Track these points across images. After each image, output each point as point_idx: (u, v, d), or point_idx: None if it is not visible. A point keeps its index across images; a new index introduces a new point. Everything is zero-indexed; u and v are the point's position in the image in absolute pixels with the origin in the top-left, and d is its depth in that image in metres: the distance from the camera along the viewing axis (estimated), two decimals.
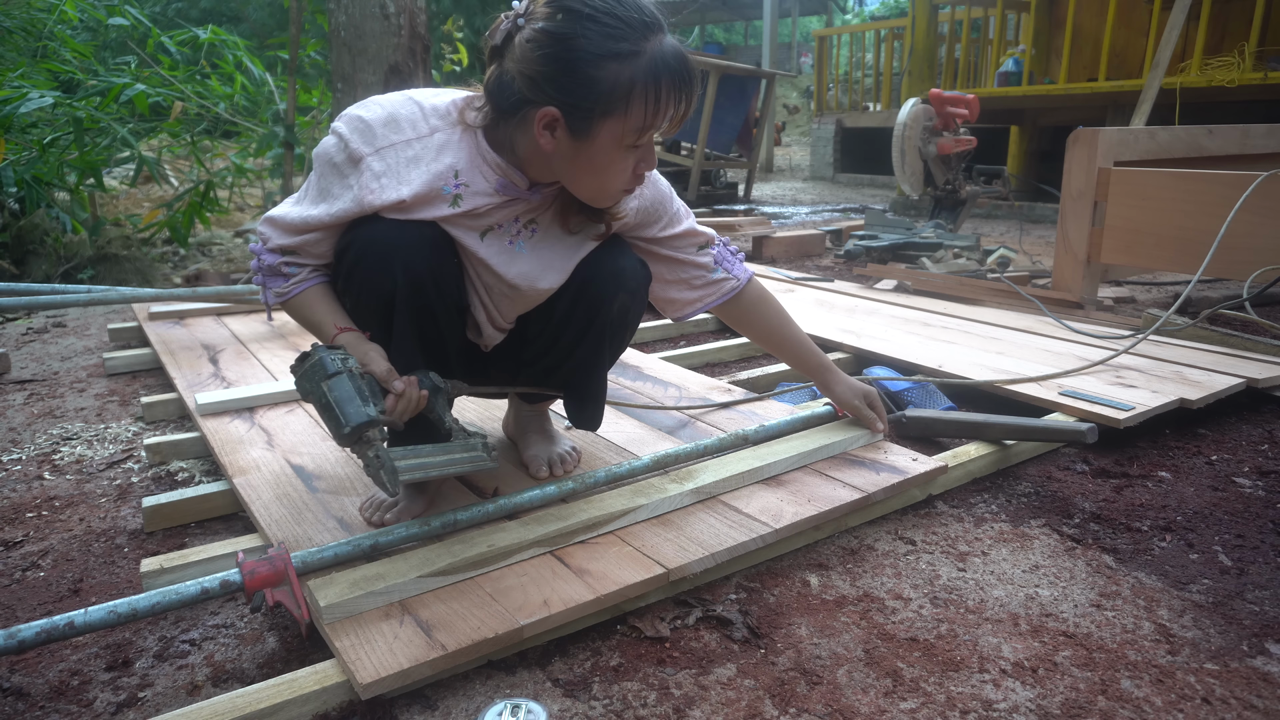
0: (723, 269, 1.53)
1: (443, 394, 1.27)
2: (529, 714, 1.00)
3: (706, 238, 1.51)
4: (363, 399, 1.11)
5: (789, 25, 17.03)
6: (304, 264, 1.28)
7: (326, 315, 1.27)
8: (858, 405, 1.66)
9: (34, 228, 4.00)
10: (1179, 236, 2.71)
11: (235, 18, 15.72)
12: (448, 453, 1.25)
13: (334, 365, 1.12)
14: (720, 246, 1.55)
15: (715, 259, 1.52)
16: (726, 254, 1.55)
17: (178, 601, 1.11)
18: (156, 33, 4.07)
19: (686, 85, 1.16)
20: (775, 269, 3.81)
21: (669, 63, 1.13)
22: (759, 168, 8.68)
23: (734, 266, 1.55)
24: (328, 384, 1.11)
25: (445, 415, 1.27)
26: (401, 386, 1.19)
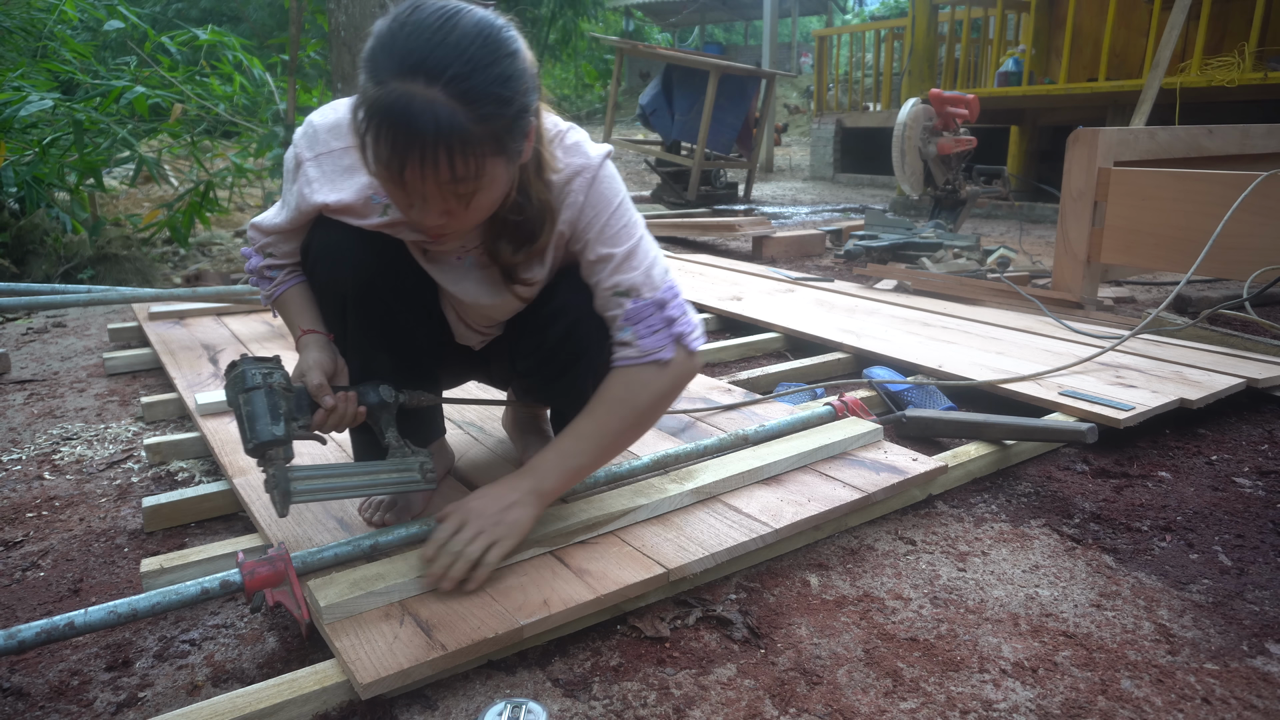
0: (631, 330, 1.21)
1: (389, 409, 1.26)
2: (529, 714, 1.00)
3: (630, 285, 1.19)
4: (273, 417, 1.11)
5: (789, 25, 17.03)
6: (282, 265, 1.30)
7: (296, 317, 1.29)
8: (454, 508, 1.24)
9: (34, 228, 4.00)
10: (1179, 236, 2.71)
11: (235, 18, 15.72)
12: (371, 472, 1.24)
13: (252, 379, 1.12)
14: (645, 302, 1.20)
15: (628, 316, 1.20)
16: (651, 313, 1.20)
17: (178, 602, 1.11)
18: (153, 34, 4.07)
19: (397, 144, 0.96)
20: (775, 269, 3.81)
21: (388, 111, 0.95)
22: (759, 168, 8.68)
23: (648, 338, 1.21)
24: (243, 397, 1.12)
25: (387, 431, 1.27)
26: (331, 402, 1.18)
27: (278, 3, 14.40)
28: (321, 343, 1.26)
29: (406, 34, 0.96)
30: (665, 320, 1.21)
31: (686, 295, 1.29)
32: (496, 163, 1.02)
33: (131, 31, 4.14)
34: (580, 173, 1.18)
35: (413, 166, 0.97)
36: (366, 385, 1.26)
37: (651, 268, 1.22)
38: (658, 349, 1.21)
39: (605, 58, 17.78)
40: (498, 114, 0.98)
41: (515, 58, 1.01)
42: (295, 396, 1.17)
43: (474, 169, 0.99)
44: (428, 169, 0.97)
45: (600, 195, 1.19)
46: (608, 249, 1.20)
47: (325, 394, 1.18)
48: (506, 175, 1.06)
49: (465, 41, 0.96)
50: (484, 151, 0.99)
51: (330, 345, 1.27)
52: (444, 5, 0.99)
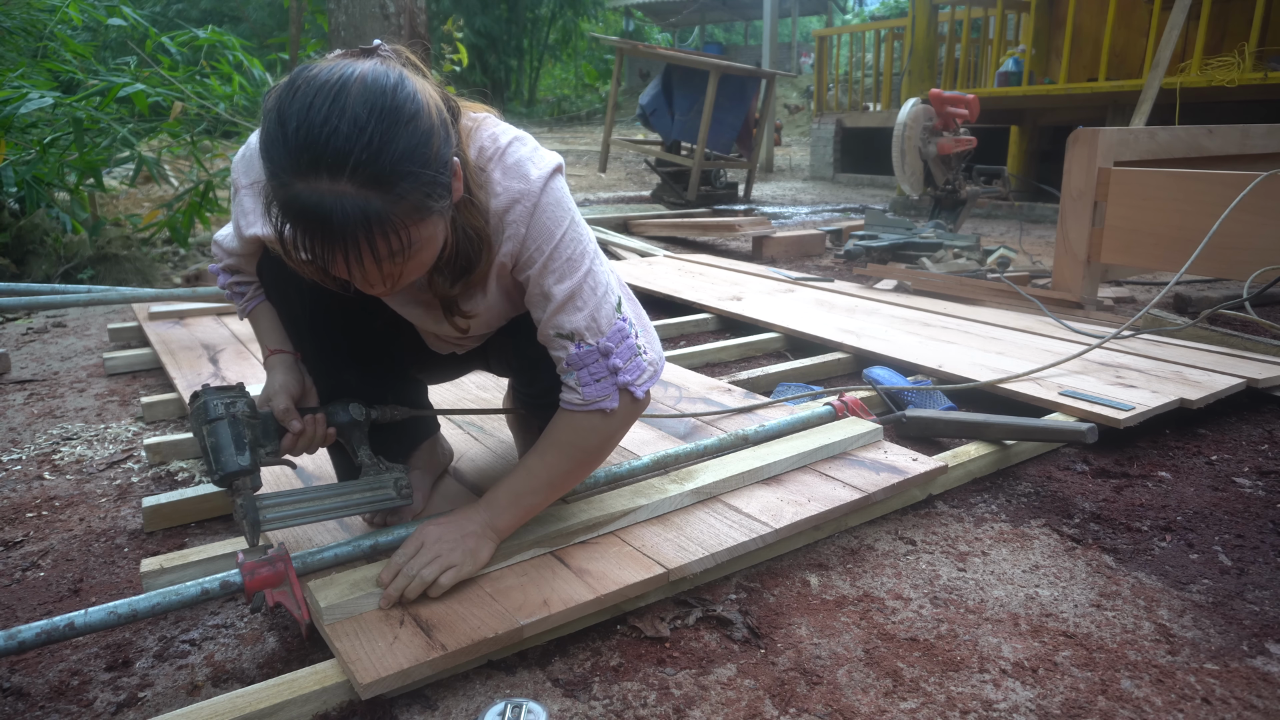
0: (574, 376, 1.16)
1: (359, 427, 1.26)
2: (529, 714, 1.00)
3: (573, 329, 1.13)
4: (238, 447, 1.11)
5: (789, 25, 17.03)
6: (250, 281, 1.31)
7: (264, 336, 1.29)
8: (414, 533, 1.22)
9: (34, 228, 4.00)
10: (1179, 236, 2.70)
11: (235, 18, 15.72)
12: (344, 493, 1.24)
13: (215, 410, 1.12)
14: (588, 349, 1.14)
15: (570, 361, 1.15)
16: (594, 360, 1.15)
17: (178, 602, 1.11)
18: (154, 33, 4.07)
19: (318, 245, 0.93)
20: (775, 269, 3.81)
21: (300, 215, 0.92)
22: (759, 168, 8.68)
23: (591, 387, 1.16)
24: (206, 429, 1.12)
25: (359, 449, 1.27)
26: (299, 426, 1.18)
27: (278, 3, 14.40)
28: (288, 363, 1.25)
29: (295, 126, 0.89)
30: (609, 369, 1.16)
31: (686, 295, 1.27)
32: (425, 225, 0.97)
33: (131, 31, 4.14)
34: (519, 200, 1.09)
35: (339, 261, 0.94)
36: (336, 405, 1.26)
37: (598, 309, 1.14)
38: (601, 398, 1.16)
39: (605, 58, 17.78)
40: (413, 186, 0.93)
41: (416, 119, 0.94)
42: (261, 422, 1.17)
43: (403, 242, 0.95)
44: (353, 260, 0.93)
45: (542, 226, 1.11)
46: (551, 286, 1.12)
47: (292, 418, 1.18)
48: (441, 226, 1.01)
49: (360, 121, 0.89)
50: (409, 223, 0.94)
51: (298, 365, 1.26)
52: (327, 78, 0.91)
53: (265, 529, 1.16)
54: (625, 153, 10.15)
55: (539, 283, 1.13)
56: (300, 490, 1.22)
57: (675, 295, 3.16)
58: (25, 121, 3.92)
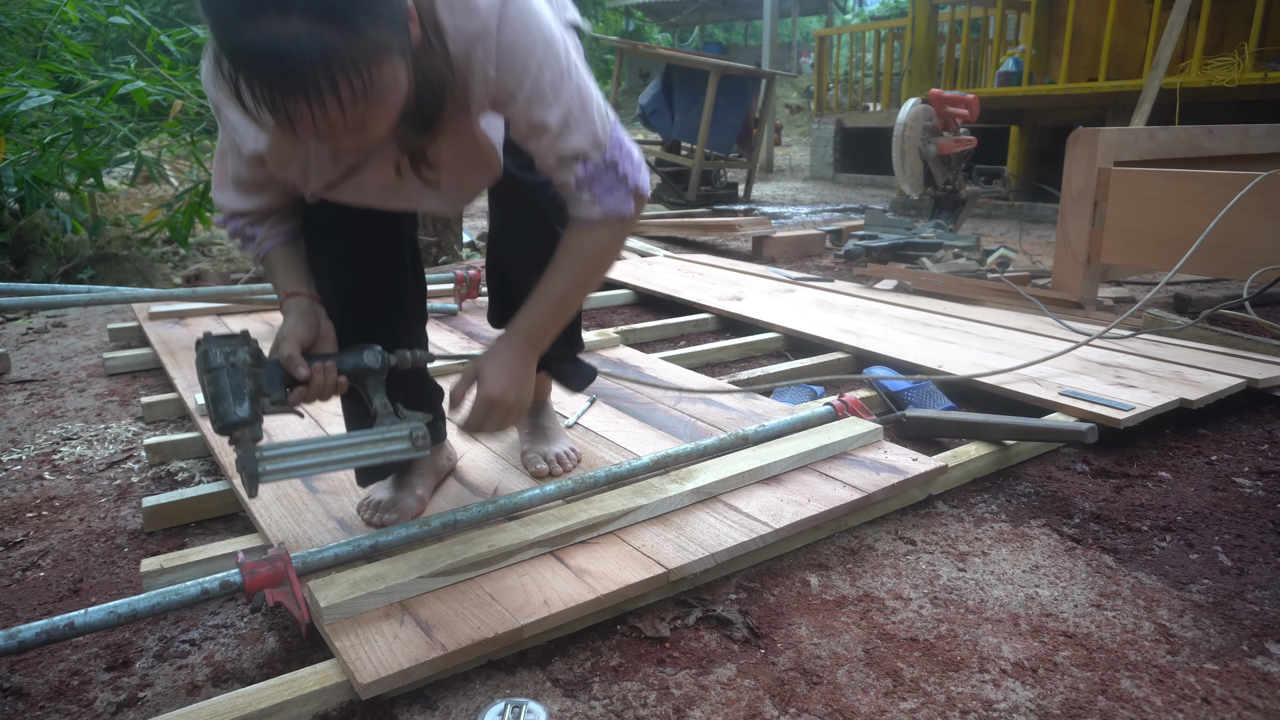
0: (588, 193, 1.15)
1: (375, 374, 1.20)
2: (529, 714, 1.00)
3: (577, 150, 1.11)
4: (237, 397, 1.08)
5: (789, 25, 17.03)
6: (261, 218, 1.23)
7: (279, 280, 1.23)
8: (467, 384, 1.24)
9: (34, 228, 4.00)
10: (1179, 236, 2.70)
11: None
12: (353, 444, 1.18)
13: (214, 359, 1.08)
14: (596, 165, 1.13)
15: (580, 181, 1.14)
16: (605, 174, 1.15)
17: (178, 602, 1.11)
18: (156, 32, 4.07)
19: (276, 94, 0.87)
20: (775, 269, 3.81)
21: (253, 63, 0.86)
22: (759, 168, 8.68)
23: (607, 198, 1.15)
24: (207, 378, 1.09)
25: (374, 397, 1.21)
26: (305, 374, 1.13)
27: None
28: (303, 307, 1.19)
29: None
30: (620, 178, 1.15)
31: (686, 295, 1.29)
32: (387, 65, 0.91)
33: (132, 31, 4.14)
34: (477, 41, 1.03)
35: (301, 110, 0.87)
36: (351, 350, 1.19)
37: (594, 124, 1.11)
38: (620, 206, 1.17)
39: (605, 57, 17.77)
40: (367, 21, 0.87)
41: None
42: (267, 371, 1.12)
43: (365, 84, 0.89)
44: (317, 107, 0.87)
45: (511, 62, 1.04)
46: (541, 116, 1.07)
47: (298, 366, 1.13)
48: (404, 68, 0.95)
49: None
50: (369, 61, 0.88)
51: (313, 309, 1.20)
52: None
53: (265, 480, 1.11)
54: None
55: (526, 117, 1.08)
56: (306, 440, 1.17)
57: (675, 295, 3.16)
58: (25, 121, 3.92)
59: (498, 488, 1.52)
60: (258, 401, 1.10)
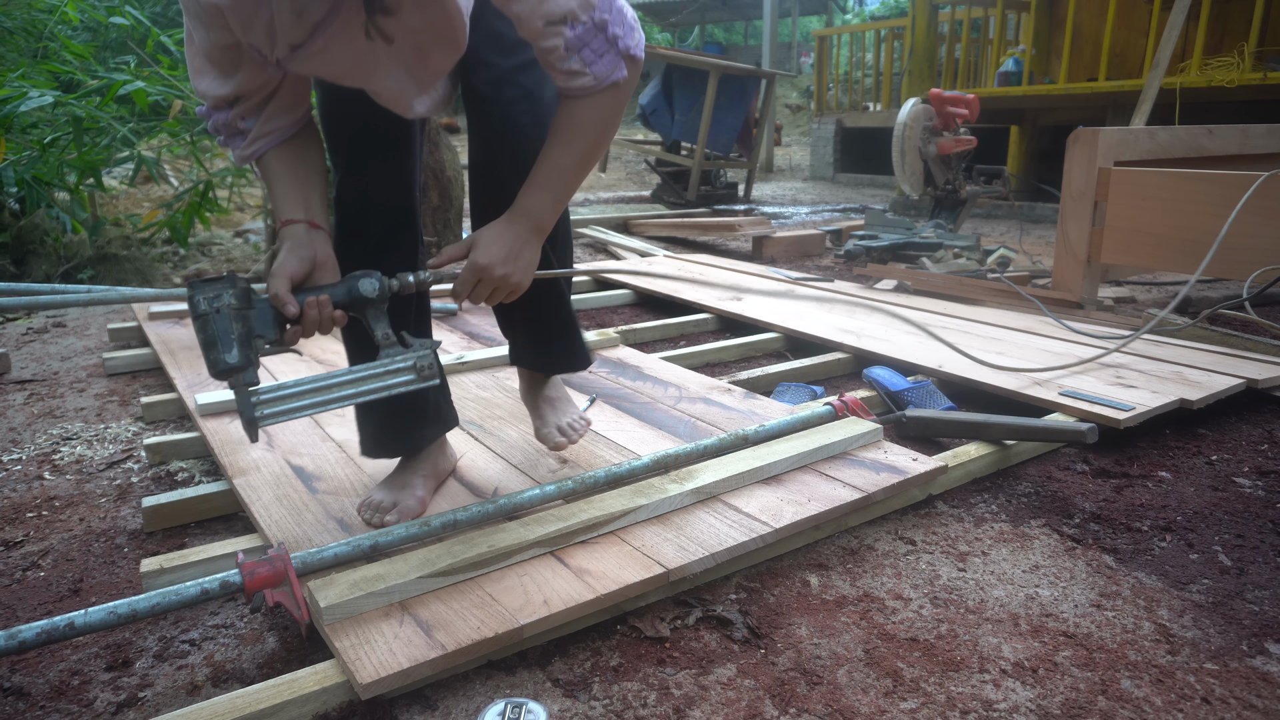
0: (578, 59, 1.09)
1: (374, 304, 1.14)
2: (529, 714, 1.00)
3: (564, 12, 1.06)
4: (225, 343, 1.05)
5: (789, 25, 17.02)
6: (255, 113, 1.14)
7: (280, 199, 1.16)
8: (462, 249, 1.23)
9: (34, 228, 4.00)
10: (1179, 236, 2.71)
11: None
12: (355, 379, 1.13)
13: (200, 306, 1.04)
14: (584, 27, 1.08)
15: (569, 45, 1.08)
16: (594, 37, 1.09)
17: (178, 602, 1.11)
18: (156, 32, 4.07)
19: None
20: (775, 269, 3.81)
21: None
22: (759, 168, 8.68)
23: (598, 64, 1.10)
24: (196, 324, 1.06)
25: (376, 327, 1.14)
26: (294, 311, 1.09)
27: None
28: (298, 236, 1.13)
29: None
30: (610, 40, 1.09)
31: (686, 295, 1.26)
32: None
33: (132, 31, 4.14)
34: None
35: None
36: (345, 280, 1.13)
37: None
38: (610, 71, 1.11)
39: None
40: None
41: None
42: (258, 312, 1.08)
43: None
44: None
45: None
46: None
47: (286, 304, 1.09)
48: None
49: None
50: None
51: (309, 236, 1.14)
52: None
53: (264, 424, 1.09)
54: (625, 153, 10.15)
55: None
56: (304, 379, 1.13)
57: (675, 295, 3.16)
58: (25, 121, 3.92)
59: (498, 488, 1.52)
60: (249, 345, 1.07)
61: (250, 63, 1.08)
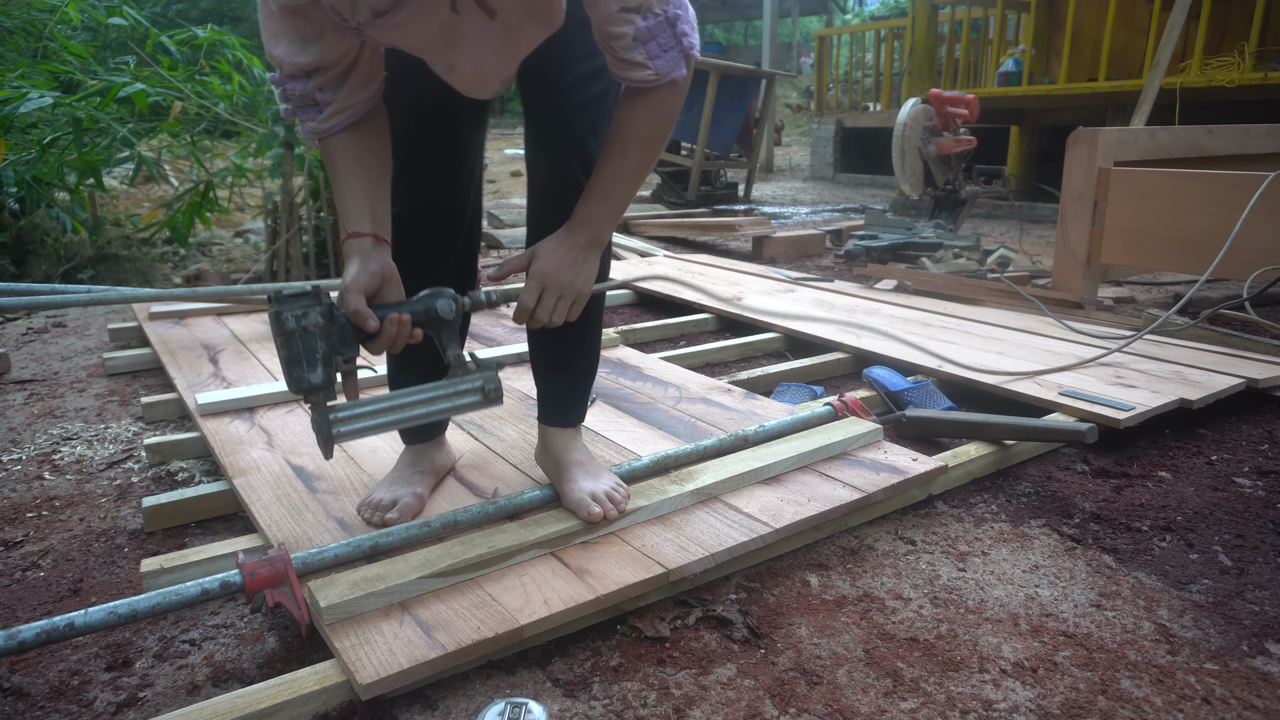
0: (642, 50, 1.09)
1: (450, 325, 1.14)
2: (529, 714, 1.00)
3: (641, 2, 1.07)
4: (309, 362, 1.05)
5: (789, 25, 17.02)
6: (337, 84, 1.11)
7: (346, 203, 1.14)
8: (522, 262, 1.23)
9: (34, 228, 4.00)
10: (1179, 236, 2.71)
11: (236, 18, 15.71)
12: (425, 399, 1.14)
13: (287, 324, 1.05)
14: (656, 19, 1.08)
15: (638, 35, 1.08)
16: (663, 31, 1.10)
17: (178, 602, 1.11)
18: (155, 33, 4.07)
19: None
20: (775, 269, 3.81)
21: None
22: (759, 168, 8.68)
23: (661, 58, 1.10)
24: (280, 340, 1.06)
25: (449, 347, 1.15)
26: (375, 325, 1.08)
27: None
28: (365, 250, 1.12)
29: None
30: (676, 37, 1.10)
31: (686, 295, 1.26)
32: None
33: (132, 31, 4.14)
34: None
35: None
36: (422, 298, 1.13)
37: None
38: (672, 68, 1.11)
39: None
40: None
41: None
42: (339, 329, 1.08)
43: None
44: None
45: None
46: None
47: (367, 319, 1.08)
48: None
49: None
50: None
51: (375, 252, 1.12)
52: None
53: (340, 441, 1.10)
54: None
55: None
56: (377, 397, 1.14)
57: (675, 295, 3.16)
58: (25, 121, 3.92)
59: (497, 488, 1.52)
60: (331, 363, 1.07)
61: (331, 30, 1.05)
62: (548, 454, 1.47)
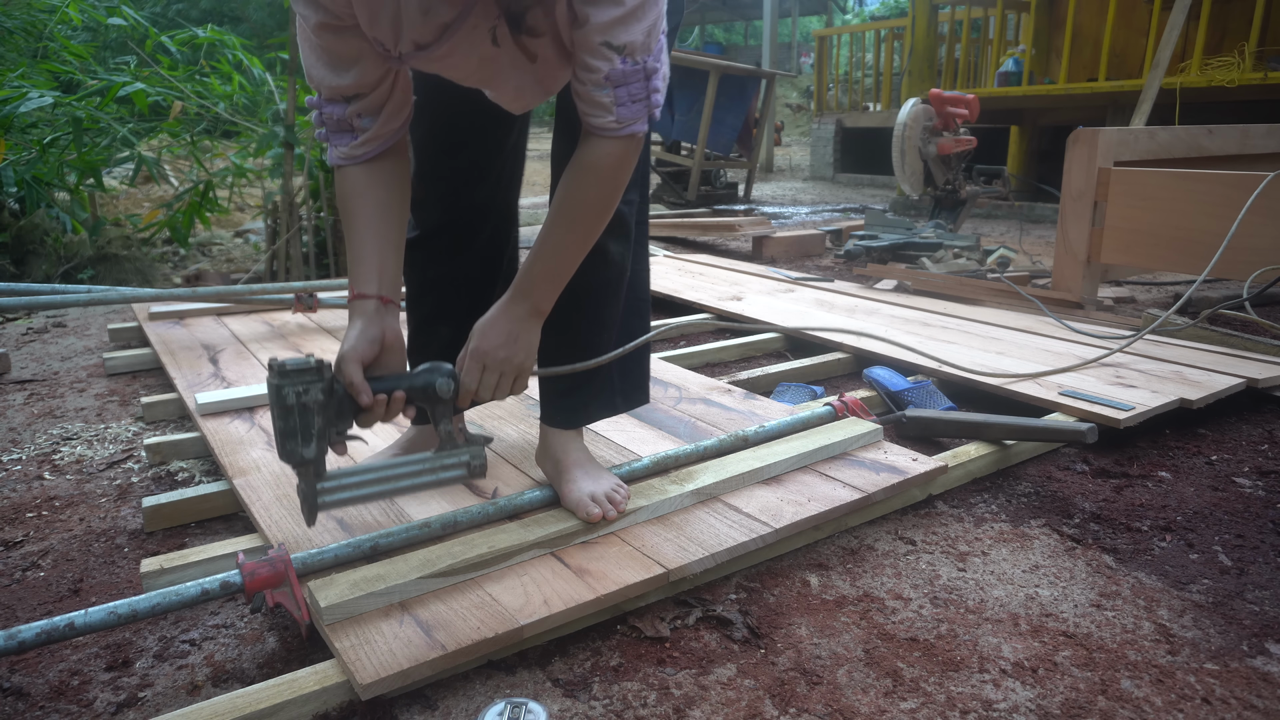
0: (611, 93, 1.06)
1: (444, 404, 1.16)
2: (529, 714, 1.00)
3: (627, 43, 1.03)
4: (304, 437, 1.07)
5: (789, 25, 17.03)
6: (374, 112, 1.11)
7: (356, 256, 1.14)
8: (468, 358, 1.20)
9: (34, 228, 4.00)
10: (1179, 236, 2.71)
11: (235, 18, 15.71)
12: (411, 472, 1.17)
13: (289, 398, 1.06)
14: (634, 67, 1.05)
15: (611, 76, 1.05)
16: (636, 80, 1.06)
17: (178, 602, 1.11)
18: (155, 33, 4.07)
19: None
20: (775, 269, 3.81)
21: None
22: (759, 168, 8.68)
23: (627, 106, 1.07)
24: (276, 412, 1.07)
25: (440, 423, 1.18)
26: (368, 401, 1.08)
27: (277, 2, 14.39)
28: (369, 315, 1.11)
29: None
30: (648, 91, 1.07)
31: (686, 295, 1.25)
32: None
33: (131, 31, 4.14)
34: None
35: None
36: (420, 373, 1.14)
37: (654, 27, 1.04)
38: (633, 120, 1.08)
39: None
40: None
41: None
42: (337, 403, 1.09)
43: None
44: None
45: None
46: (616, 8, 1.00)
47: (360, 392, 1.08)
48: None
49: None
50: None
51: (379, 316, 1.12)
52: None
53: (324, 510, 1.12)
54: None
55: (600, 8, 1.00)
56: (362, 468, 1.15)
57: (675, 295, 3.16)
58: (25, 121, 3.92)
59: (497, 488, 1.52)
60: (325, 437, 1.09)
61: (369, 55, 1.06)
62: (548, 454, 1.47)
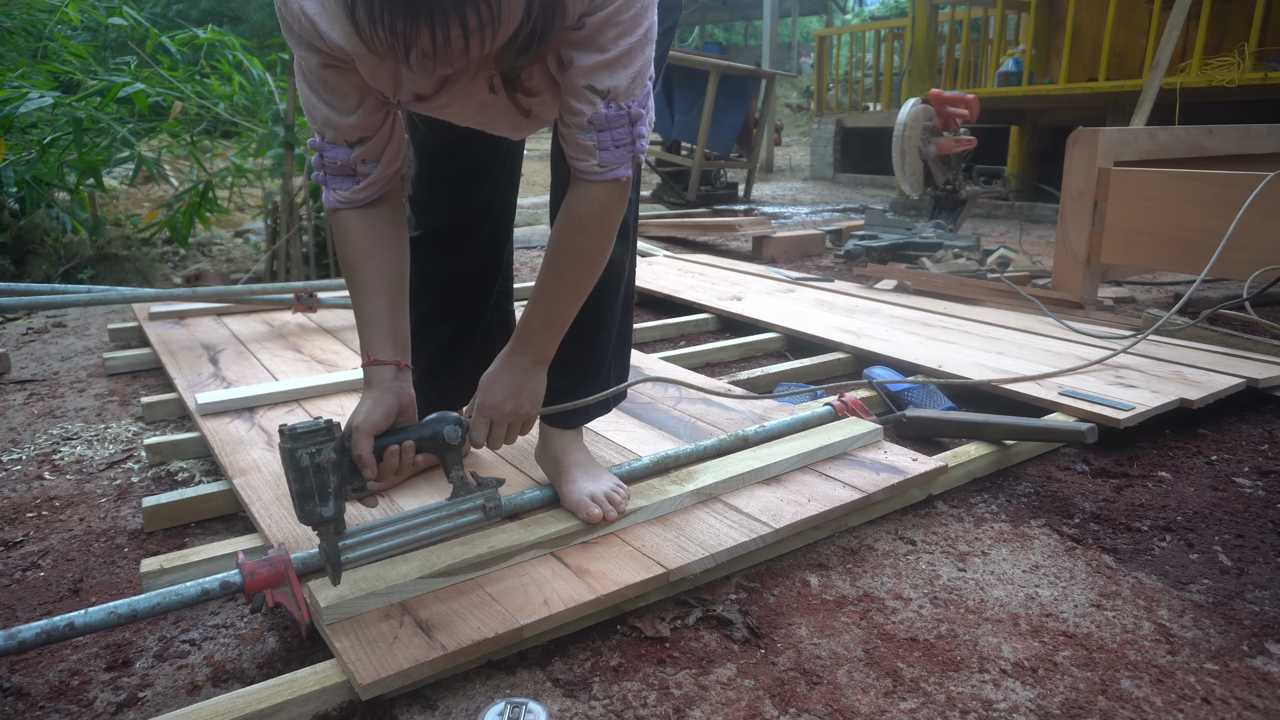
0: (594, 137, 1.06)
1: (453, 451, 1.17)
2: (529, 714, 1.00)
3: (611, 87, 1.03)
4: (321, 497, 1.07)
5: (789, 25, 17.04)
6: (375, 157, 1.12)
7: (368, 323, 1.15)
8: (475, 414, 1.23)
9: (34, 228, 4.00)
10: (1179, 236, 2.71)
11: (235, 18, 15.72)
12: (429, 522, 1.19)
13: (302, 460, 1.06)
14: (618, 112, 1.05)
15: (594, 119, 1.05)
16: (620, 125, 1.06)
17: (178, 602, 1.11)
18: (155, 33, 4.07)
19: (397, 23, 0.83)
20: (775, 269, 3.81)
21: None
22: (759, 168, 8.68)
23: (610, 151, 1.07)
24: (291, 474, 1.08)
25: (452, 469, 1.19)
26: (371, 474, 1.10)
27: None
28: (384, 384, 1.13)
29: None
30: (632, 137, 1.08)
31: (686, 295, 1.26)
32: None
33: (131, 31, 4.14)
34: None
35: (423, 34, 0.82)
36: (429, 424, 1.16)
37: (641, 69, 1.05)
38: (617, 164, 1.08)
39: None
40: None
41: None
42: (349, 462, 1.11)
43: (494, 12, 0.84)
44: (440, 33, 0.82)
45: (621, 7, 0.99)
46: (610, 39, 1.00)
47: (365, 466, 1.09)
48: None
49: None
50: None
51: (395, 383, 1.14)
52: None
53: (348, 568, 1.15)
54: None
55: (600, 33, 1.00)
56: (382, 522, 1.17)
57: (675, 295, 3.16)
58: (25, 121, 3.92)
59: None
60: (342, 494, 1.10)
61: (371, 94, 1.08)
62: (548, 454, 1.47)
